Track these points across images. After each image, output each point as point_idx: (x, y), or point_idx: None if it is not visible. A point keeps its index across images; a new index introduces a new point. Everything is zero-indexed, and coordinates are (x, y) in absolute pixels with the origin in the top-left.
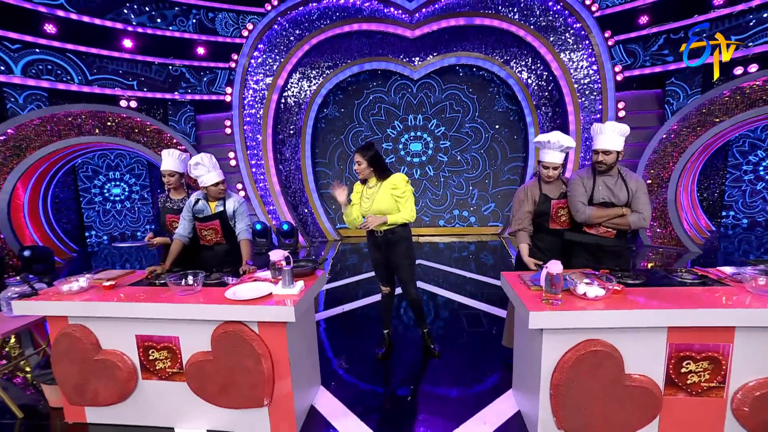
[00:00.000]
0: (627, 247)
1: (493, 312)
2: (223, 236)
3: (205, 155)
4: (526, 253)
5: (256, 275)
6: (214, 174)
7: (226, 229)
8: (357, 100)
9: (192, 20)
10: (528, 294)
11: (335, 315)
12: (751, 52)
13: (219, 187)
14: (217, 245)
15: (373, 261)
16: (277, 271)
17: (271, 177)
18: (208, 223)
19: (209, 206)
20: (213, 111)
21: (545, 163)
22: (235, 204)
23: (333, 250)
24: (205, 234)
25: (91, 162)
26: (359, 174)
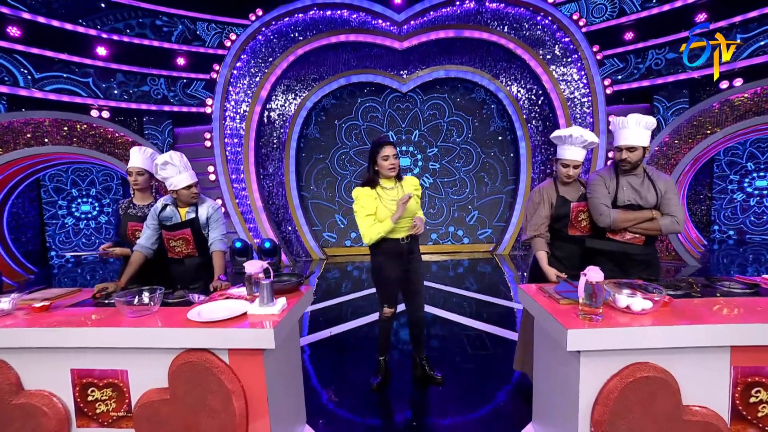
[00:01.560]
0: (656, 255)
1: (497, 332)
2: (195, 248)
3: (174, 153)
4: (546, 262)
5: (228, 292)
6: (185, 175)
7: (198, 239)
8: (344, 114)
9: (173, 29)
10: (558, 308)
11: (322, 339)
12: (736, 66)
13: (191, 191)
14: (189, 258)
15: (386, 276)
16: (254, 287)
17: (253, 192)
18: (178, 232)
19: (179, 213)
20: (192, 123)
21: (565, 160)
22: (209, 210)
23: (318, 269)
24: (173, 245)
25: (62, 176)
26: (393, 170)
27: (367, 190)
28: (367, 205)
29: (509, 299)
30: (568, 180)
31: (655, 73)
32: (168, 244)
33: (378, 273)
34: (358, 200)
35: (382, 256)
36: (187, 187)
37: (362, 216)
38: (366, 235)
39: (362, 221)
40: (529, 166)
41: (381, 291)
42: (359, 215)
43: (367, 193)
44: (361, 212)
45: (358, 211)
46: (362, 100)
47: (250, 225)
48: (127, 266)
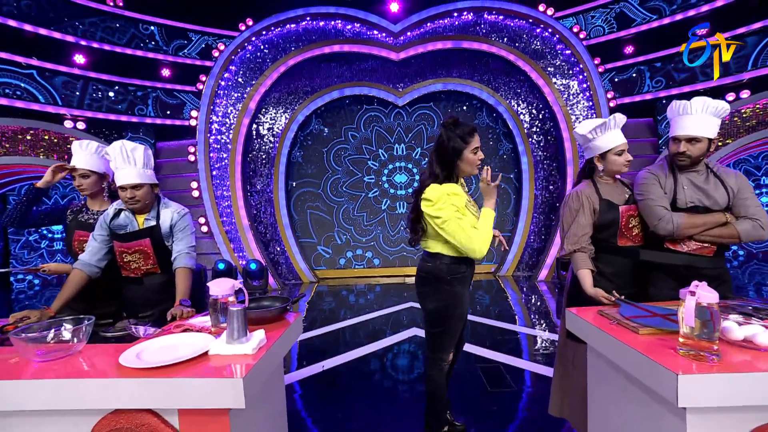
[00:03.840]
0: (728, 269)
1: (516, 364)
2: (156, 263)
3: (128, 142)
4: (590, 283)
5: (189, 323)
6: (129, 171)
7: (160, 252)
8: (337, 128)
9: (158, 40)
10: (638, 341)
11: (313, 375)
12: (744, 77)
13: (136, 194)
14: (149, 277)
15: (462, 312)
16: (221, 315)
17: (239, 210)
18: (133, 244)
19: (136, 220)
20: (175, 137)
21: (620, 146)
22: (174, 216)
23: (309, 293)
24: (128, 260)
25: None
26: (478, 168)
27: (456, 187)
28: (462, 208)
29: (515, 322)
30: (627, 168)
31: (657, 87)
32: (122, 259)
33: (452, 309)
34: (448, 200)
35: (460, 284)
36: (133, 186)
37: (465, 223)
38: (477, 244)
39: (469, 230)
40: (532, 183)
41: (452, 332)
42: (453, 220)
43: (457, 191)
44: (461, 219)
45: (454, 219)
46: (357, 114)
47: (236, 245)
48: (62, 288)
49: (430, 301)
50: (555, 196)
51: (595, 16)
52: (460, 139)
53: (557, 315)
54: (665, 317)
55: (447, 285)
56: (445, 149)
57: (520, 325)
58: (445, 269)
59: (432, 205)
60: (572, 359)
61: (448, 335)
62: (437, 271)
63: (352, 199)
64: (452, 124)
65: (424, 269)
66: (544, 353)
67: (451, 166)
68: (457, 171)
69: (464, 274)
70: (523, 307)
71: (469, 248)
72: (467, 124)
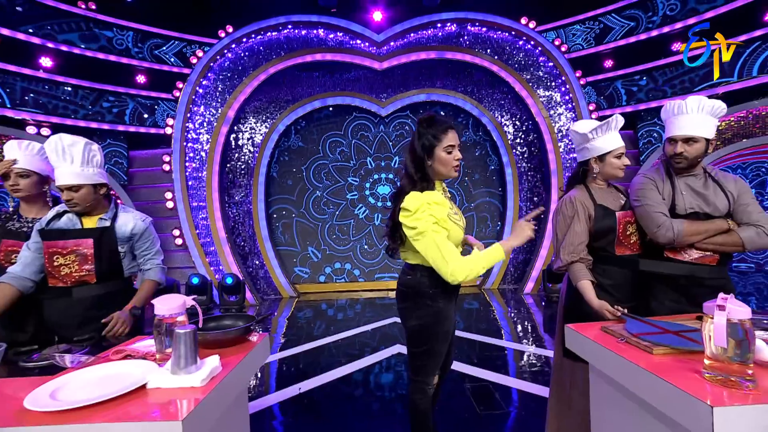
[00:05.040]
0: (731, 279)
1: (504, 382)
2: (93, 270)
3: (66, 136)
4: (594, 296)
5: (131, 347)
6: (65, 171)
7: (103, 258)
8: (319, 138)
9: (131, 45)
10: (654, 363)
11: (290, 398)
12: (718, 91)
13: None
14: (80, 287)
15: (447, 330)
16: (166, 338)
17: (216, 222)
18: (71, 243)
19: (81, 222)
20: (149, 146)
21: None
22: (139, 223)
23: (288, 309)
24: (59, 264)
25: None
26: (456, 169)
27: (439, 196)
28: (443, 221)
29: (502, 337)
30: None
31: (637, 99)
32: (51, 264)
33: (435, 326)
34: (427, 209)
35: (443, 299)
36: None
37: (443, 239)
38: (461, 271)
39: (447, 248)
40: (516, 194)
41: (436, 352)
42: (428, 234)
43: (439, 200)
44: (439, 234)
45: (430, 233)
46: (339, 124)
47: (212, 258)
48: None
49: (411, 318)
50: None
51: (576, 33)
52: (432, 136)
53: (544, 329)
54: (678, 334)
55: (429, 300)
56: (415, 148)
57: (507, 340)
58: (426, 282)
59: (410, 215)
60: (570, 380)
61: (431, 356)
62: (418, 284)
63: (333, 206)
64: (426, 121)
65: (404, 282)
66: (532, 370)
67: (423, 166)
68: (432, 173)
69: (448, 288)
70: (510, 322)
71: (441, 269)
72: (444, 120)
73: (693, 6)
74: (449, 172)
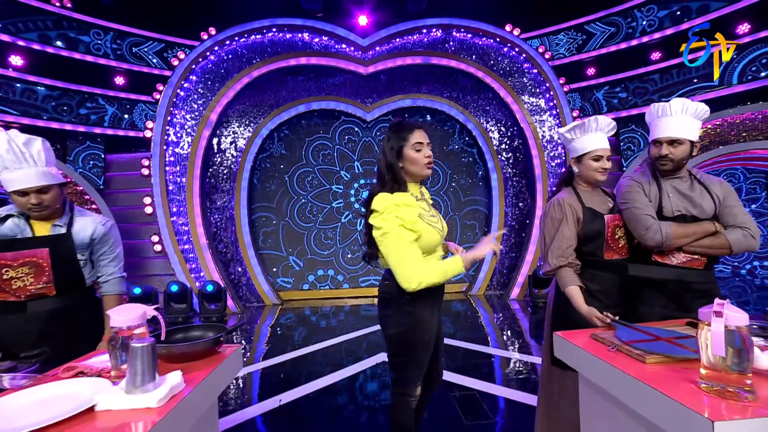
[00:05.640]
0: (717, 284)
1: (491, 391)
2: (52, 281)
3: (17, 134)
4: (582, 301)
5: (84, 364)
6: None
7: (62, 268)
8: (303, 142)
9: (109, 45)
10: (647, 372)
11: (272, 410)
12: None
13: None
14: (36, 301)
15: (429, 338)
16: (122, 353)
17: (197, 228)
18: (23, 254)
19: (31, 227)
20: (127, 149)
21: (595, 152)
22: (99, 227)
23: (271, 317)
24: (10, 277)
25: None
26: (428, 167)
27: (408, 198)
28: (411, 222)
29: (489, 344)
30: (604, 178)
31: (618, 107)
32: (0, 277)
33: (415, 334)
34: (395, 210)
35: (421, 305)
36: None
37: (406, 242)
38: (415, 278)
39: (407, 252)
40: (502, 199)
41: (417, 362)
42: (399, 241)
43: (408, 202)
44: (402, 237)
45: (393, 235)
46: (324, 129)
47: (192, 265)
48: None
49: (390, 326)
50: (525, 213)
51: (559, 43)
52: (400, 137)
53: (531, 335)
54: (670, 341)
55: (407, 306)
56: (385, 152)
57: (494, 347)
58: (399, 287)
59: (378, 216)
60: (558, 389)
61: (411, 366)
62: (396, 290)
63: (318, 211)
64: (394, 125)
65: (382, 289)
66: (519, 378)
67: (394, 168)
68: (406, 175)
69: (427, 295)
70: (496, 328)
71: (397, 273)
72: (411, 122)
73: (671, 15)
74: (421, 170)
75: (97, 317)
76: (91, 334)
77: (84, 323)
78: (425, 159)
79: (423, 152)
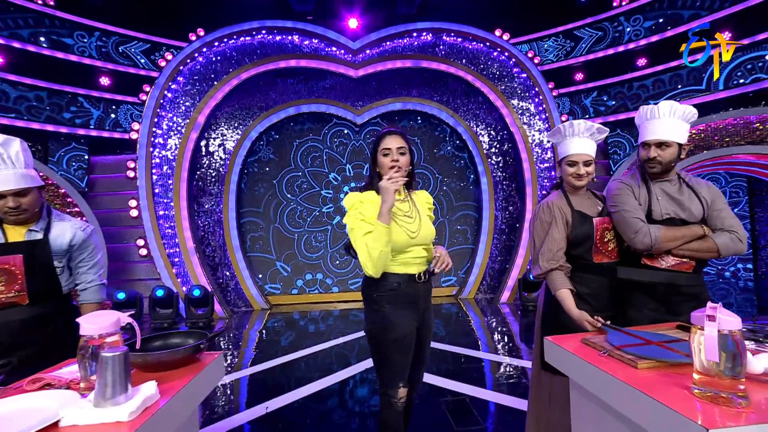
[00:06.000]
0: (706, 287)
1: (481, 396)
2: (25, 290)
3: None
4: (573, 305)
5: (53, 375)
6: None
7: (37, 275)
8: (293, 145)
9: (95, 45)
10: (639, 378)
11: (259, 417)
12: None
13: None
14: (7, 310)
15: (399, 336)
16: (92, 362)
17: (183, 231)
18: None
19: (3, 233)
20: (112, 151)
21: (572, 156)
22: (78, 233)
23: (260, 322)
24: None
25: None
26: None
27: (371, 195)
28: (371, 218)
29: (479, 348)
30: (580, 183)
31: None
32: None
33: (383, 333)
34: (355, 209)
35: (389, 303)
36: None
37: (362, 233)
38: (368, 261)
39: (360, 237)
40: (492, 203)
41: (390, 361)
42: (357, 232)
43: (371, 198)
44: (360, 228)
45: (354, 226)
46: (314, 132)
47: (178, 269)
48: None
49: (366, 324)
50: (515, 217)
51: (548, 49)
52: (375, 143)
53: (521, 339)
54: (661, 345)
55: (375, 305)
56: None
57: (484, 351)
58: (373, 285)
59: (347, 214)
60: (548, 394)
61: (385, 365)
62: (369, 288)
63: (307, 214)
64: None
65: (361, 288)
66: (510, 382)
67: (371, 170)
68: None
69: (395, 292)
70: (487, 332)
71: (361, 262)
72: (389, 128)
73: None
74: (387, 173)
75: (74, 326)
76: (65, 345)
77: (59, 333)
78: (390, 163)
79: (389, 157)
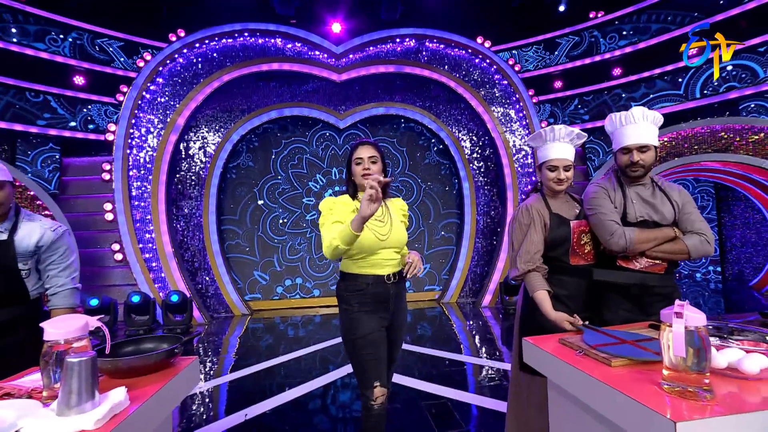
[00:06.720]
0: (677, 287)
1: (463, 399)
2: None
3: None
4: (550, 306)
5: (14, 384)
6: None
7: (4, 278)
8: (274, 149)
9: (69, 42)
10: (612, 375)
11: (239, 425)
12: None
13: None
14: None
15: (368, 335)
16: (56, 369)
17: (162, 235)
18: None
19: None
20: (87, 153)
21: (552, 161)
22: (48, 234)
23: (240, 328)
24: None
25: None
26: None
27: (345, 198)
28: (341, 215)
29: (461, 352)
30: (560, 188)
31: (582, 119)
32: None
33: (350, 333)
34: (333, 206)
35: (357, 303)
36: None
37: (332, 221)
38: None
39: (330, 226)
40: (473, 208)
41: (363, 361)
42: (324, 225)
43: (344, 201)
44: (330, 217)
45: (322, 222)
46: (296, 135)
47: (156, 275)
48: None
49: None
50: (496, 221)
51: (528, 60)
52: (350, 153)
53: (502, 341)
54: (634, 344)
55: (345, 304)
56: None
57: (466, 355)
58: (342, 286)
59: (320, 217)
60: (527, 396)
61: (357, 366)
62: (338, 286)
63: (288, 214)
64: None
65: (336, 285)
66: (491, 384)
67: (347, 178)
68: (356, 185)
69: (362, 292)
70: (469, 335)
71: (323, 244)
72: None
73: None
74: (361, 181)
75: (41, 333)
76: (31, 351)
77: (24, 340)
78: (362, 171)
79: (361, 166)
